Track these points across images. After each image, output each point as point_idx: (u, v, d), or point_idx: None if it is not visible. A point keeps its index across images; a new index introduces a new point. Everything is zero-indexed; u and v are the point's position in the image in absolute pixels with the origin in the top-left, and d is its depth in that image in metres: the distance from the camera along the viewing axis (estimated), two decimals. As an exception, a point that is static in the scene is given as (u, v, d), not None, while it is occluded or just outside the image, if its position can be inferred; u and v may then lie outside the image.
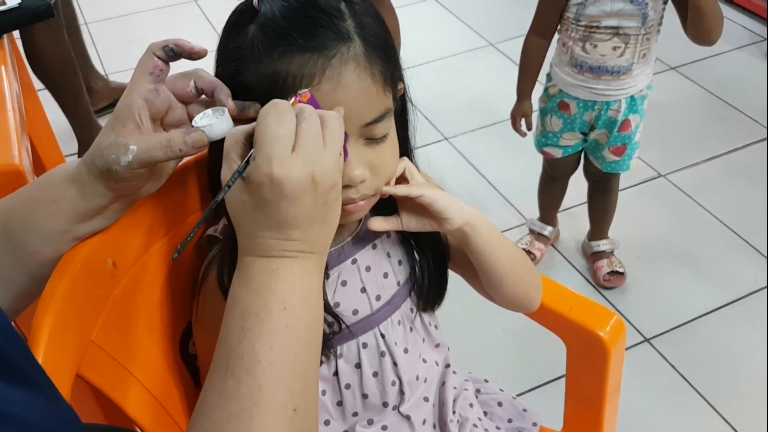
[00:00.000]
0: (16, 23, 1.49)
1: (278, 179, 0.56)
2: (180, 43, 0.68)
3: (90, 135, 2.24)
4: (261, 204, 0.58)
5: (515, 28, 2.89)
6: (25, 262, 0.70)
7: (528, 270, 0.87)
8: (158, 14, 3.16)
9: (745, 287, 1.89)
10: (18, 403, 0.46)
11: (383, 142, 0.72)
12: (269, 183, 0.57)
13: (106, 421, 0.83)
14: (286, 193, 0.57)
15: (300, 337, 0.60)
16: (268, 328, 0.59)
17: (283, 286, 0.60)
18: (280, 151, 0.57)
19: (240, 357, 0.58)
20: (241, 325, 0.59)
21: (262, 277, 0.60)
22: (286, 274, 0.60)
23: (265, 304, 0.59)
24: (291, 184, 0.57)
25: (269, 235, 0.59)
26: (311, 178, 0.58)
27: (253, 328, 0.59)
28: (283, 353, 0.59)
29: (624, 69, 1.55)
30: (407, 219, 0.78)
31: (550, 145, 1.74)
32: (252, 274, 0.60)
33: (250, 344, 0.58)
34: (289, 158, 0.57)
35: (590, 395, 1.01)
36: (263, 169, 0.57)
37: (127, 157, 0.65)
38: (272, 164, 0.56)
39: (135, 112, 0.67)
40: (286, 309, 0.60)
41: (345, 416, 0.84)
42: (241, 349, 0.58)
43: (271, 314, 0.59)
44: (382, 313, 0.82)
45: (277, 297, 0.60)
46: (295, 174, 0.57)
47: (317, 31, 0.66)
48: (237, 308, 0.60)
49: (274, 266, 0.60)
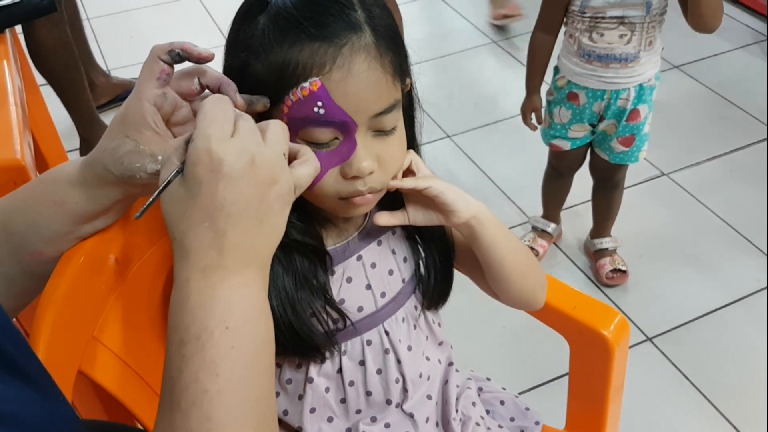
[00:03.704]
0: (18, 18, 1.49)
1: (217, 155, 0.55)
2: (186, 47, 0.67)
3: (92, 130, 2.24)
4: (196, 188, 0.55)
5: (518, 26, 2.91)
6: (26, 261, 0.70)
7: (533, 267, 0.87)
8: (160, 10, 3.16)
9: (748, 287, 1.89)
10: (15, 401, 0.46)
11: (391, 135, 0.72)
12: (208, 161, 0.55)
13: (107, 417, 0.83)
14: (224, 172, 0.55)
15: (248, 359, 0.55)
16: (210, 352, 0.54)
17: (222, 303, 0.55)
18: (219, 131, 0.56)
19: (184, 388, 0.53)
20: (181, 353, 0.54)
21: (199, 295, 0.55)
22: (224, 288, 0.56)
23: (204, 325, 0.54)
24: (229, 162, 0.55)
25: (203, 232, 0.55)
26: (251, 160, 0.56)
27: (195, 354, 0.54)
28: (230, 379, 0.54)
29: (632, 56, 1.55)
30: (414, 213, 0.78)
31: (558, 138, 1.74)
32: (187, 294, 0.56)
33: (194, 373, 0.53)
34: (228, 139, 0.56)
35: (593, 394, 1.00)
36: (201, 146, 0.55)
37: (155, 165, 0.65)
38: (211, 141, 0.55)
39: (149, 119, 0.66)
40: (229, 328, 0.55)
41: (348, 413, 0.84)
42: (184, 379, 0.53)
43: (212, 336, 0.54)
44: (386, 311, 0.82)
45: (217, 315, 0.55)
46: (234, 153, 0.55)
47: (328, 20, 0.66)
48: (175, 335, 0.55)
49: (211, 281, 0.56)
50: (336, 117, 0.67)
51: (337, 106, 0.66)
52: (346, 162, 0.69)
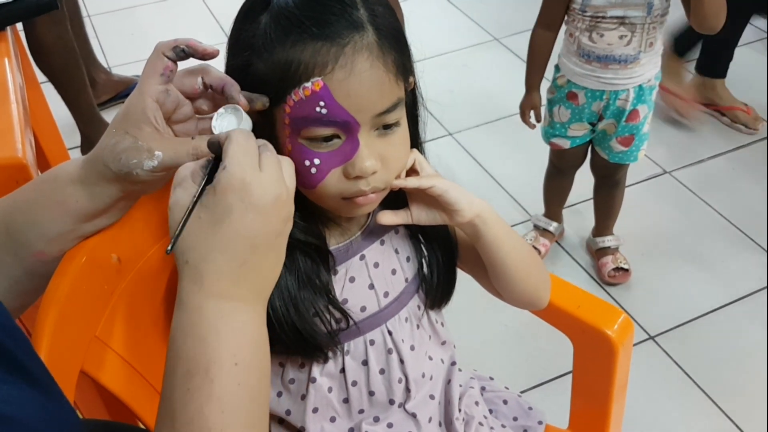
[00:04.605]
0: (19, 15, 1.48)
1: (249, 184, 0.56)
2: (191, 44, 0.67)
3: (93, 128, 2.24)
4: (224, 214, 0.55)
5: (520, 23, 2.89)
6: (28, 261, 0.70)
7: (537, 266, 0.87)
8: (161, 7, 3.16)
9: (750, 285, 1.88)
10: (17, 402, 0.46)
11: (395, 134, 0.72)
12: (240, 187, 0.55)
13: (109, 416, 0.83)
14: (254, 202, 0.56)
15: (253, 395, 0.56)
16: (218, 389, 0.53)
17: (234, 335, 0.55)
18: (251, 161, 0.57)
19: (188, 422, 0.53)
20: (186, 386, 0.54)
21: (211, 322, 0.55)
22: (236, 320, 0.56)
23: (214, 358, 0.54)
24: (260, 194, 0.56)
25: (223, 260, 0.55)
26: (278, 196, 0.57)
27: (201, 388, 0.53)
28: (235, 415, 0.54)
29: (631, 58, 1.55)
30: (417, 212, 0.77)
31: (558, 136, 1.74)
32: (198, 321, 0.55)
33: (198, 408, 0.53)
34: (258, 171, 0.57)
35: (597, 394, 1.00)
36: (236, 173, 0.56)
37: (152, 162, 0.65)
38: (245, 170, 0.56)
39: (150, 115, 0.66)
40: (238, 364, 0.55)
41: (351, 413, 0.84)
42: (188, 413, 0.53)
43: (221, 371, 0.54)
44: (389, 310, 0.82)
45: (229, 349, 0.55)
46: (265, 186, 0.56)
47: (330, 19, 0.66)
48: (180, 365, 0.55)
49: (225, 310, 0.55)
50: (338, 117, 0.66)
51: (339, 105, 0.66)
52: (349, 162, 0.69)
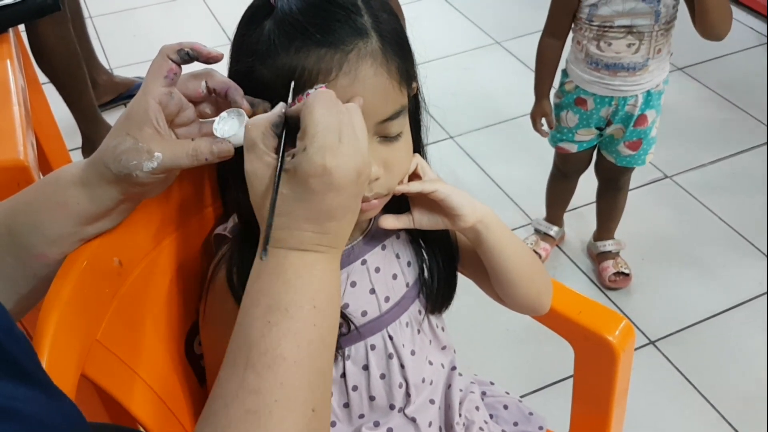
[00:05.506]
0: (21, 17, 1.48)
1: (330, 169, 0.57)
2: (196, 47, 0.67)
3: (94, 129, 2.24)
4: (306, 195, 0.58)
5: (522, 27, 2.90)
6: (29, 264, 0.69)
7: (539, 271, 0.86)
8: (163, 8, 3.16)
9: (751, 290, 1.88)
10: (22, 399, 0.46)
11: (398, 140, 0.72)
12: (321, 173, 0.57)
13: (110, 420, 0.83)
14: (335, 184, 0.57)
15: (324, 337, 0.59)
16: (296, 325, 0.58)
17: (316, 282, 0.59)
18: (332, 140, 0.57)
19: (263, 352, 0.56)
20: (267, 318, 0.58)
21: (297, 270, 0.59)
22: (319, 269, 0.60)
23: (296, 299, 0.58)
24: (340, 175, 0.57)
25: (308, 227, 0.59)
26: (357, 169, 0.58)
27: (281, 323, 0.57)
28: (308, 353, 0.57)
29: (640, 65, 1.55)
30: (419, 216, 0.77)
31: (565, 141, 1.74)
32: (284, 265, 0.59)
33: (276, 340, 0.57)
34: (339, 148, 0.58)
35: (598, 399, 1.00)
36: (316, 160, 0.57)
37: (151, 163, 0.65)
38: (325, 155, 0.57)
39: (152, 116, 0.66)
40: (316, 307, 0.59)
41: (351, 418, 0.84)
42: (264, 343, 0.57)
43: (301, 311, 0.58)
44: (390, 315, 0.82)
45: (309, 293, 0.59)
46: (345, 165, 0.57)
47: (334, 25, 0.66)
48: (263, 300, 0.59)
49: (309, 260, 0.59)
50: None
51: None
52: None
